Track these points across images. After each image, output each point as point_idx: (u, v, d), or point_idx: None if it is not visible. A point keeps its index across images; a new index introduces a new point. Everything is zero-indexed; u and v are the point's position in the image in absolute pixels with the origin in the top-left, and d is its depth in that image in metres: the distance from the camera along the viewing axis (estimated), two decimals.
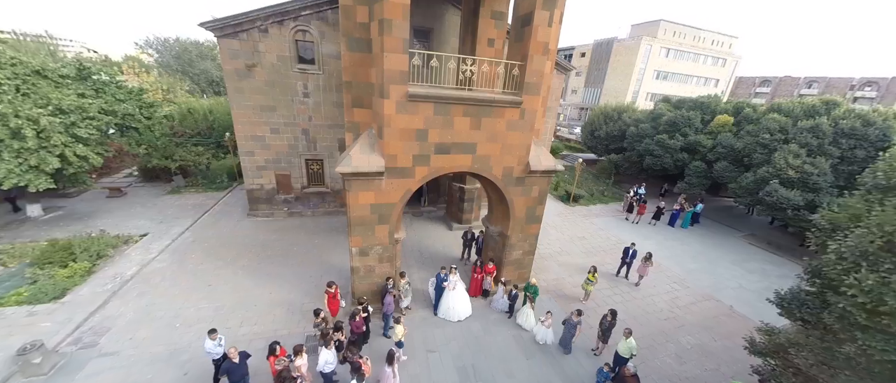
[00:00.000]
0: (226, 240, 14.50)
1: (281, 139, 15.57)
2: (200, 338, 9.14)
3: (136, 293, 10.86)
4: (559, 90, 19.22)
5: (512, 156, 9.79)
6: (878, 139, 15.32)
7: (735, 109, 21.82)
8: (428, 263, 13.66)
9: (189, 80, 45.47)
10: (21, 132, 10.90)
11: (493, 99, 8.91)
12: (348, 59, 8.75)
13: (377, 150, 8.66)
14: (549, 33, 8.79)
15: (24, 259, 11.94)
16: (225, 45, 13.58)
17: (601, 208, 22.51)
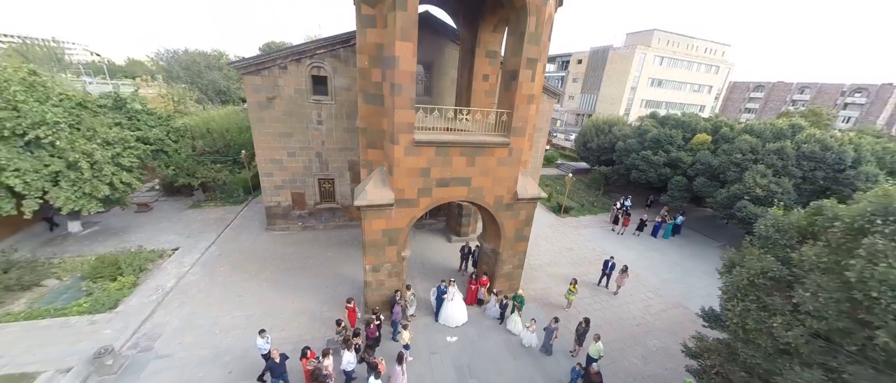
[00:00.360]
0: (248, 253, 16.18)
1: (297, 161, 17.26)
2: (239, 342, 10.86)
3: (177, 303, 12.55)
4: (549, 111, 20.83)
5: (502, 187, 11.48)
6: (834, 162, 17.02)
7: (713, 128, 23.51)
8: (430, 274, 15.33)
9: (198, 90, 47.08)
10: (78, 164, 12.59)
11: (485, 141, 10.61)
12: (364, 110, 10.44)
13: (388, 185, 10.35)
14: (533, 86, 10.51)
15: (76, 272, 13.62)
16: (249, 81, 15.26)
17: (590, 219, 24.18)
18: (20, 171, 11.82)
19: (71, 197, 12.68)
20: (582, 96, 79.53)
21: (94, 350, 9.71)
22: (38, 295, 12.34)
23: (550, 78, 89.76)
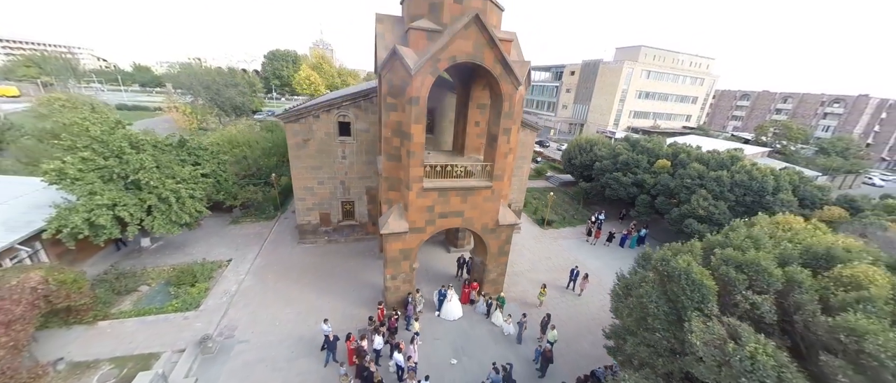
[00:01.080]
0: (287, 263, 20.20)
1: (325, 188, 21.28)
2: (294, 331, 14.90)
3: (242, 304, 16.56)
4: (530, 142, 24.75)
5: (487, 216, 15.52)
6: (759, 189, 21.07)
7: (673, 154, 27.55)
8: (433, 280, 19.33)
9: (216, 106, 51.02)
10: (168, 199, 16.60)
11: (474, 185, 14.66)
12: (386, 165, 14.45)
13: (404, 218, 14.39)
14: (509, 145, 14.53)
15: (160, 280, 17.63)
16: (290, 127, 19.28)
17: (569, 231, 28.21)
18: (127, 206, 15.82)
19: (162, 223, 16.69)
20: (575, 106, 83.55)
21: (199, 336, 13.75)
22: (138, 298, 16.35)
23: (545, 88, 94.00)
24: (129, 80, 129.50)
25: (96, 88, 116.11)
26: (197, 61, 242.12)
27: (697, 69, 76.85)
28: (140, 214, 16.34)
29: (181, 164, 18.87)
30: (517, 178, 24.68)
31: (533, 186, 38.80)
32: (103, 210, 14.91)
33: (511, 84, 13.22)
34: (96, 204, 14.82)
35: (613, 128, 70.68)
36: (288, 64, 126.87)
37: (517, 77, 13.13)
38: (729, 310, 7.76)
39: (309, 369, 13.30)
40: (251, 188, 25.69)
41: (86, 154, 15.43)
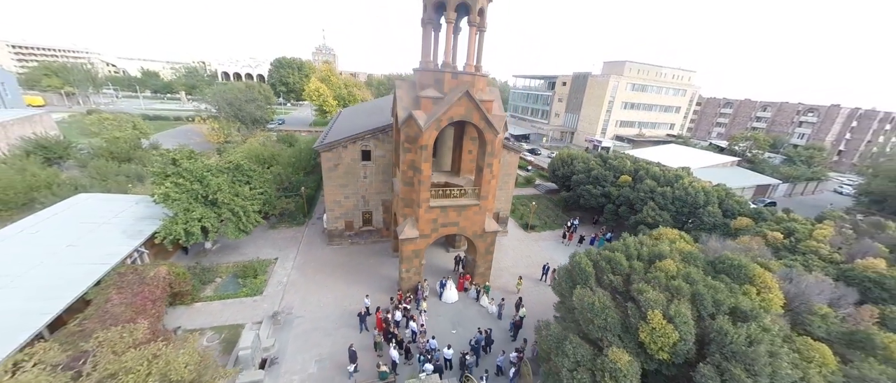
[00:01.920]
0: (321, 261, 25.70)
1: (350, 201, 26.78)
2: (335, 309, 20.39)
3: (293, 291, 22.06)
4: (514, 163, 30.21)
5: (476, 225, 21.04)
6: (692, 203, 26.62)
7: (634, 170, 33.06)
8: (436, 272, 24.78)
9: (238, 121, 56.40)
10: (237, 213, 22.10)
11: (466, 203, 20.19)
12: (402, 189, 19.95)
13: (415, 227, 19.90)
14: (492, 175, 20.04)
15: (228, 273, 23.11)
16: (325, 155, 24.76)
17: (549, 234, 33.74)
18: (209, 218, 21.31)
19: (232, 231, 22.18)
20: (566, 115, 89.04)
21: (270, 312, 19.27)
22: (216, 286, 21.84)
23: (539, 96, 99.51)
24: (141, 86, 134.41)
25: (111, 95, 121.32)
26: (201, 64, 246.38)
27: (679, 81, 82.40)
28: (217, 224, 21.85)
29: (241, 184, 24.34)
30: (504, 191, 30.19)
31: (522, 194, 44.36)
32: (195, 222, 20.43)
33: (492, 133, 18.74)
34: (190, 217, 20.33)
35: (600, 137, 76.22)
36: (293, 71, 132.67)
37: (496, 129, 18.65)
38: (603, 285, 13.25)
39: (348, 334, 18.79)
40: (285, 199, 31.16)
41: (179, 180, 20.91)
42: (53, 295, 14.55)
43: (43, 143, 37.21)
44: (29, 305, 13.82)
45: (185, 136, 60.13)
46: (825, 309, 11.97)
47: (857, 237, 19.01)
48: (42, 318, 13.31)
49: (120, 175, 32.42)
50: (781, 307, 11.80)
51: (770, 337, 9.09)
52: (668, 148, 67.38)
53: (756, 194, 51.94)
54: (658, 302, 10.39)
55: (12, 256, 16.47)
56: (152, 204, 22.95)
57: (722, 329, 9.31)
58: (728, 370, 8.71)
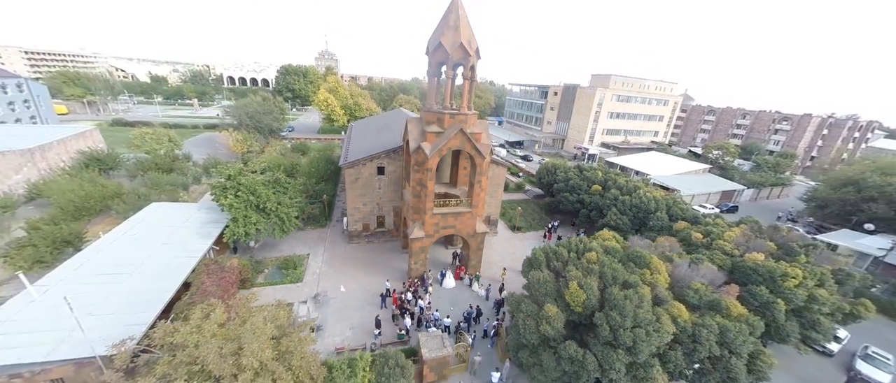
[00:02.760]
0: (345, 256, 31.70)
1: (367, 207, 32.80)
2: (360, 293, 26.46)
3: (325, 279, 28.08)
4: (501, 175, 36.19)
5: (469, 227, 27.11)
6: (646, 209, 32.70)
7: (604, 180, 39.11)
8: (437, 265, 30.83)
9: (257, 132, 62.28)
10: (282, 218, 28.11)
11: (461, 211, 26.27)
12: (412, 200, 25.99)
13: (422, 229, 25.97)
14: (482, 190, 26.10)
15: (272, 266, 29.10)
16: (347, 171, 30.78)
17: (533, 234, 39.81)
18: (261, 222, 27.31)
19: (278, 233, 28.20)
20: (558, 123, 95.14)
21: (312, 294, 25.29)
22: (265, 276, 27.82)
23: (533, 104, 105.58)
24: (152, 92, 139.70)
25: (127, 102, 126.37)
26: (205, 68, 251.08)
27: (662, 92, 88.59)
28: (267, 227, 27.87)
29: (282, 194, 30.33)
30: (493, 198, 36.22)
31: (513, 198, 50.39)
32: (252, 225, 26.45)
33: (480, 158, 24.80)
34: (248, 222, 26.36)
35: (588, 145, 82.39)
36: (299, 78, 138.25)
37: (483, 155, 24.71)
38: (550, 268, 19.31)
39: (372, 310, 24.81)
40: (311, 205, 37.16)
41: (238, 193, 26.89)
42: (167, 278, 20.54)
43: (97, 157, 43.12)
44: (154, 285, 19.81)
45: (207, 145, 65.96)
46: (698, 285, 18.03)
47: (756, 238, 25.12)
48: (167, 294, 19.29)
49: (169, 184, 38.36)
50: (667, 284, 17.87)
51: (638, 297, 15.02)
52: (650, 155, 73.50)
53: (722, 199, 58.16)
54: (576, 277, 16.37)
55: (129, 252, 22.44)
56: (210, 209, 29.08)
57: (612, 292, 15.25)
58: (611, 316, 14.67)
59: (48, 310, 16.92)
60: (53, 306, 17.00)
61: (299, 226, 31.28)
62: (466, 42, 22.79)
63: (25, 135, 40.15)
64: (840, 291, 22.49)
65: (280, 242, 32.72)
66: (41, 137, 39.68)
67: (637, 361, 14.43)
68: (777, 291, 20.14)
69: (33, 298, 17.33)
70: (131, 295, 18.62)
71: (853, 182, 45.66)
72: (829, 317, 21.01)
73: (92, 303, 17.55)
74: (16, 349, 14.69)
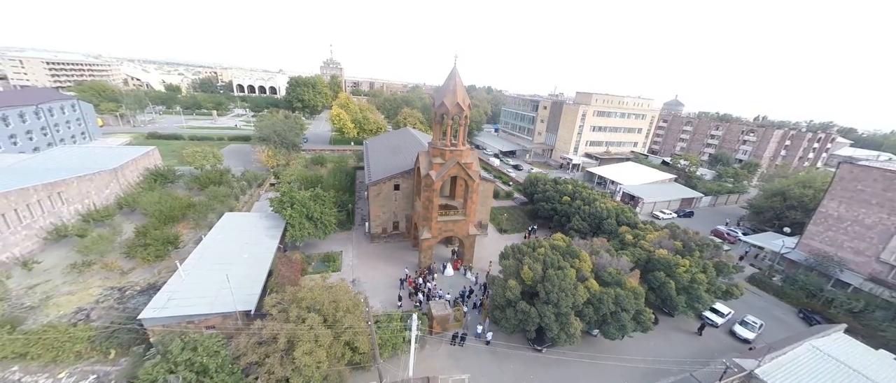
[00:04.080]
0: (369, 253, 41.43)
1: (385, 215, 42.56)
2: (384, 278, 36.30)
3: (358, 269, 37.82)
4: (490, 189, 45.91)
5: (464, 231, 36.95)
6: (599, 217, 42.46)
7: (573, 192, 48.89)
8: (439, 258, 40.58)
9: (282, 146, 71.86)
10: (326, 225, 37.83)
11: (458, 219, 36.11)
12: (421, 210, 35.75)
13: (430, 232, 35.76)
14: (473, 202, 35.89)
15: (317, 260, 38.80)
16: (372, 188, 40.53)
17: (516, 236, 49.56)
18: (309, 227, 37.03)
19: (321, 235, 37.93)
20: (547, 134, 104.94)
21: (351, 279, 35.06)
22: (313, 267, 37.48)
23: (525, 116, 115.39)
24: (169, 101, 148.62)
25: (153, 114, 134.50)
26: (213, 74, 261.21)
27: (639, 108, 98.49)
28: (314, 231, 37.59)
29: (322, 205, 40.01)
30: (484, 206, 45.98)
31: (503, 205, 60.12)
32: (305, 230, 36.20)
33: (472, 181, 34.59)
34: (303, 227, 36.10)
35: (573, 155, 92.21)
36: (308, 89, 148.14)
37: (474, 179, 34.50)
38: (515, 258, 29.06)
39: (394, 291, 34.52)
40: (340, 213, 46.89)
41: (295, 206, 36.60)
42: (258, 266, 30.24)
43: (161, 172, 52.86)
44: (252, 271, 29.48)
45: (236, 157, 75.61)
46: (611, 270, 27.76)
47: (668, 239, 34.93)
48: (263, 276, 28.96)
49: (225, 197, 48.01)
50: (590, 268, 27.63)
51: (563, 275, 24.64)
52: (626, 166, 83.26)
53: (682, 205, 68.01)
54: (528, 263, 26.16)
55: (225, 249, 32.09)
56: (269, 217, 38.77)
57: (548, 273, 24.96)
58: (546, 285, 24.38)
59: (193, 285, 26.61)
60: (196, 283, 26.72)
61: (337, 231, 41.00)
62: (461, 101, 32.63)
63: (110, 155, 49.74)
64: (721, 276, 32.33)
65: (319, 242, 42.45)
66: (120, 158, 49.25)
67: (560, 312, 24.19)
68: (672, 276, 29.99)
69: (183, 278, 27.03)
70: (240, 278, 28.24)
71: (781, 193, 55.59)
72: (708, 294, 30.79)
73: (220, 281, 27.24)
74: (189, 307, 24.38)
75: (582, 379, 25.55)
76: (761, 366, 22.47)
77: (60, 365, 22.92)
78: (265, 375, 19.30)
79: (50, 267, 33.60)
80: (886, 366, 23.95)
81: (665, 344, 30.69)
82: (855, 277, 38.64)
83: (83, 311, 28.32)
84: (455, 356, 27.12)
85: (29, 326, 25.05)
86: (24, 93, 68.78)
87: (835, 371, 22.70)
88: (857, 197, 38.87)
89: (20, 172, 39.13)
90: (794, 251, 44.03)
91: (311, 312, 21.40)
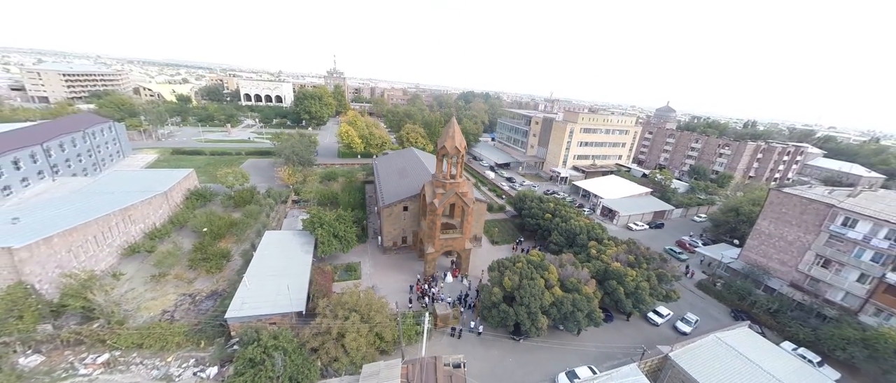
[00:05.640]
0: (382, 263, 50.05)
1: (396, 231, 51.19)
2: (397, 283, 45.04)
3: (375, 277, 46.43)
4: (483, 209, 54.54)
5: (461, 245, 45.66)
6: (573, 233, 51.12)
7: (553, 210, 57.56)
8: (441, 268, 49.24)
9: (300, 163, 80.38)
10: (348, 241, 46.44)
11: (456, 236, 44.81)
12: (426, 229, 44.41)
13: (433, 246, 44.44)
14: (468, 221, 44.57)
15: (341, 269, 47.40)
16: (385, 210, 49.17)
17: (506, 247, 58.24)
18: (335, 242, 45.62)
19: (344, 249, 46.52)
20: (538, 148, 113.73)
21: (370, 285, 43.72)
22: (337, 275, 46.06)
23: (519, 129, 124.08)
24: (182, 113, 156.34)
25: (171, 128, 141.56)
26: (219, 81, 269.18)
27: (623, 124, 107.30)
28: (339, 246, 46.19)
29: (344, 224, 48.55)
30: (479, 222, 54.66)
31: (496, 218, 68.74)
32: (333, 246, 44.82)
33: (468, 207, 43.28)
34: (331, 243, 44.72)
35: (561, 168, 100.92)
36: (315, 101, 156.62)
37: (469, 206, 43.18)
38: (500, 270, 37.68)
39: (406, 295, 43.12)
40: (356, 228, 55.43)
41: (324, 227, 45.17)
42: (302, 277, 38.80)
43: (201, 192, 61.42)
44: (297, 280, 37.99)
45: (257, 172, 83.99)
46: (574, 280, 36.41)
47: (624, 253, 43.66)
48: (306, 285, 37.57)
49: (258, 214, 56.51)
50: (556, 278, 36.27)
51: (534, 284, 33.14)
52: (609, 179, 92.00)
53: (654, 217, 76.76)
54: (508, 274, 34.78)
55: (273, 263, 40.62)
56: (301, 235, 47.31)
57: (523, 282, 33.48)
58: (520, 292, 32.93)
59: (256, 292, 35.18)
60: (257, 290, 35.30)
61: (356, 244, 49.67)
62: (459, 144, 41.32)
63: (157, 179, 58.20)
64: (662, 283, 41.02)
65: (342, 254, 51.05)
66: (168, 181, 57.68)
67: (531, 312, 32.84)
68: (622, 283, 38.69)
69: (248, 287, 35.61)
70: (290, 286, 36.84)
71: (735, 208, 64.40)
72: (652, 298, 39.46)
73: (275, 288, 35.81)
74: (258, 308, 32.95)
75: (546, 361, 34.21)
76: (674, 351, 31.16)
77: (167, 352, 31.49)
78: (324, 355, 27.93)
79: (130, 277, 42.16)
80: (771, 355, 32.57)
81: (618, 335, 39.40)
82: (780, 283, 47.45)
83: (167, 312, 36.89)
84: (454, 344, 35.76)
85: (135, 324, 33.63)
86: (74, 119, 76.93)
87: (728, 356, 31.36)
88: (782, 218, 47.67)
89: (94, 195, 47.55)
90: (736, 261, 52.83)
91: (353, 312, 30.02)
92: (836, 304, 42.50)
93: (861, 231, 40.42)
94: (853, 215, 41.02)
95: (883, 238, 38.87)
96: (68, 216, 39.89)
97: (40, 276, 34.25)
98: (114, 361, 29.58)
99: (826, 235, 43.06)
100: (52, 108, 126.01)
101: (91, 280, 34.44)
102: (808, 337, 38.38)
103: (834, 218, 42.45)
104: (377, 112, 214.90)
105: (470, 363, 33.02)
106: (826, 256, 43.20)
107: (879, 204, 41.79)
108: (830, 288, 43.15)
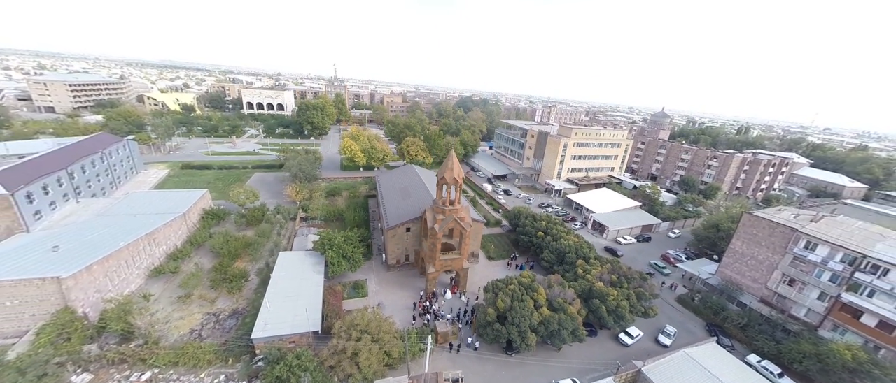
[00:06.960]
0: (387, 279, 54.21)
1: (399, 250, 55.38)
2: (402, 300, 49.25)
3: (381, 294, 50.58)
4: (480, 228, 58.76)
5: (459, 265, 49.90)
6: (563, 251, 55.38)
7: (545, 228, 61.82)
8: (442, 285, 53.44)
9: (306, 180, 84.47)
10: (356, 260, 50.60)
11: (455, 257, 49.04)
12: (426, 250, 48.63)
13: (433, 266, 48.66)
14: (465, 243, 48.82)
15: (349, 287, 51.55)
16: (389, 232, 53.35)
17: (501, 262, 62.45)
18: (344, 261, 49.78)
19: (352, 268, 50.69)
20: (534, 160, 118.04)
21: (376, 303, 47.86)
22: (346, 293, 50.19)
23: (515, 140, 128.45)
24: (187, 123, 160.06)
25: (179, 140, 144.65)
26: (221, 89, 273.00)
27: (614, 138, 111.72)
28: (347, 265, 50.34)
29: (352, 245, 52.68)
30: (476, 240, 58.90)
31: (492, 232, 72.96)
32: (342, 266, 48.97)
33: (466, 231, 47.53)
34: (340, 264, 48.87)
35: (555, 181, 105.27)
36: (317, 112, 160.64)
37: (466, 230, 47.43)
38: (494, 291, 41.86)
39: (410, 312, 47.29)
40: (362, 246, 59.57)
41: (335, 248, 49.33)
42: (315, 298, 42.91)
43: (215, 212, 65.46)
44: (311, 301, 42.10)
45: (263, 187, 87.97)
46: (560, 300, 40.65)
47: (607, 273, 47.96)
48: (319, 304, 41.72)
49: (270, 232, 60.57)
50: (544, 298, 40.51)
51: (524, 305, 37.33)
52: (601, 192, 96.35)
53: (642, 231, 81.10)
54: (500, 295, 39.02)
55: (288, 284, 44.71)
56: (312, 255, 51.41)
57: (514, 303, 37.69)
58: (512, 313, 37.15)
59: (275, 312, 39.30)
60: (277, 310, 39.42)
61: (363, 263, 53.85)
62: (457, 175, 45.57)
63: (174, 199, 62.21)
64: (641, 301, 45.27)
65: (349, 273, 55.19)
66: (186, 202, 61.70)
67: (521, 330, 37.06)
68: (604, 302, 42.95)
69: (269, 308, 39.73)
70: (305, 306, 40.96)
71: (715, 225, 68.80)
72: (631, 314, 43.71)
73: (292, 309, 39.93)
74: (279, 329, 37.07)
75: (536, 374, 38.43)
76: (646, 366, 35.42)
77: (200, 369, 35.59)
78: (340, 372, 32.12)
79: (157, 297, 46.21)
80: (733, 369, 36.85)
81: (600, 350, 43.64)
82: (752, 299, 51.82)
83: (195, 331, 40.97)
84: (453, 359, 39.95)
85: (167, 343, 37.70)
86: (93, 141, 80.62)
87: (695, 371, 35.63)
88: (753, 239, 52.05)
89: (119, 217, 51.52)
90: (713, 276, 57.20)
91: (365, 333, 34.21)
92: (800, 319, 46.88)
93: (820, 254, 44.81)
94: (813, 239, 45.41)
95: (838, 261, 43.25)
96: (102, 242, 43.94)
97: (83, 301, 38.29)
98: (155, 379, 33.67)
99: (790, 256, 47.45)
100: (65, 122, 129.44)
101: (129, 303, 38.50)
102: (772, 350, 42.67)
103: (797, 241, 46.86)
104: (377, 120, 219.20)
105: (467, 377, 37.23)
106: (791, 275, 47.59)
107: (837, 230, 46.16)
108: (795, 305, 47.54)
